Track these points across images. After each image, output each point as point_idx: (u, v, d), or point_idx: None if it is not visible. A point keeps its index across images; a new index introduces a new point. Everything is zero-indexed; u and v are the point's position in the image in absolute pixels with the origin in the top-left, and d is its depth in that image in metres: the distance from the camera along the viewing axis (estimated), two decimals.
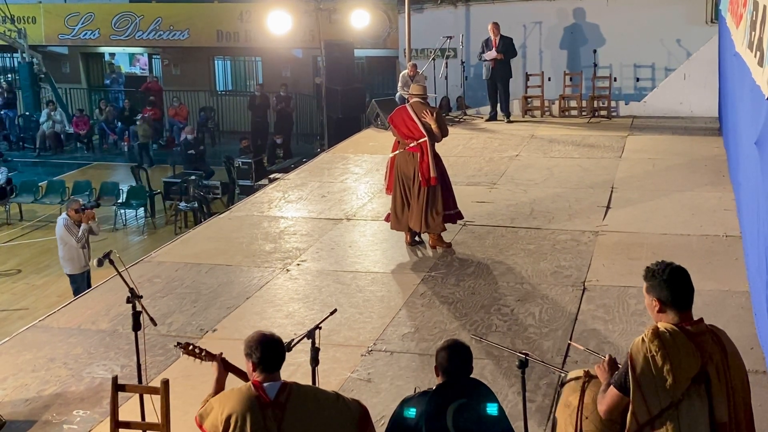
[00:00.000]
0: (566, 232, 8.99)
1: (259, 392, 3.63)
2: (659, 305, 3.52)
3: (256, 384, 3.66)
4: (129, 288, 4.84)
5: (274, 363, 3.70)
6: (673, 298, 3.50)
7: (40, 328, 7.25)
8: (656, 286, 3.52)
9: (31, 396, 6.04)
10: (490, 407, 3.75)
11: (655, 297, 3.53)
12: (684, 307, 3.52)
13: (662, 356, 3.40)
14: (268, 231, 9.55)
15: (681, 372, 3.40)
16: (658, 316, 3.56)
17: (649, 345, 3.43)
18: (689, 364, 3.42)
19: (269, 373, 3.68)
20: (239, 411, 3.58)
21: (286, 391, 3.64)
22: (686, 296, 3.52)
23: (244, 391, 3.65)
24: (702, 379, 3.44)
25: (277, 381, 3.67)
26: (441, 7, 16.79)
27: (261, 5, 19.21)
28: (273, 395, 3.62)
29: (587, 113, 15.05)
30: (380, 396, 5.81)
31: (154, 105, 22.32)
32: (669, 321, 3.51)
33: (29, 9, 23.09)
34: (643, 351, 3.43)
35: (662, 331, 3.47)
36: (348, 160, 12.95)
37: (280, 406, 3.60)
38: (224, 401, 3.66)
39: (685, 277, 3.54)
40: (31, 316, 10.48)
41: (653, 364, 3.41)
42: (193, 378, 5.89)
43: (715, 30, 14.05)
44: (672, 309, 3.51)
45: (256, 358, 3.67)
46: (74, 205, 9.90)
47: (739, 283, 7.26)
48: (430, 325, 6.92)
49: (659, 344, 3.42)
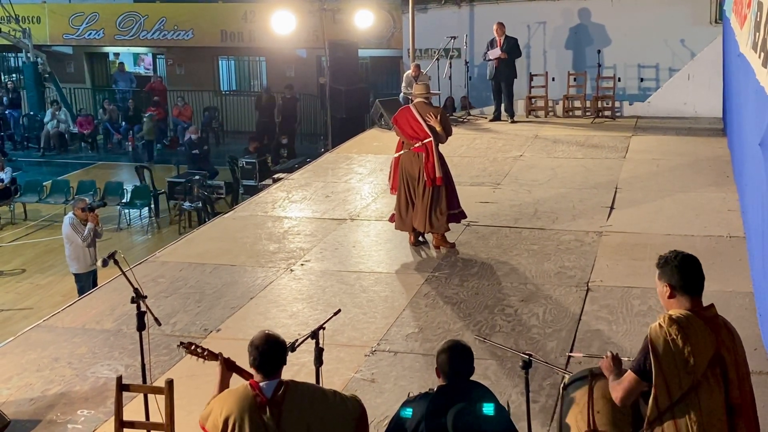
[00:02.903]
0: (570, 232, 8.99)
1: (255, 392, 3.64)
2: (670, 290, 3.57)
3: (253, 384, 3.68)
4: (133, 288, 4.85)
5: (271, 366, 3.70)
6: (684, 283, 3.54)
7: (44, 328, 7.26)
8: (668, 272, 3.57)
9: (35, 395, 6.06)
10: (489, 407, 3.73)
11: (666, 282, 3.57)
12: (695, 292, 3.56)
13: (682, 338, 3.44)
14: (272, 231, 9.56)
15: (700, 354, 3.44)
16: (669, 302, 3.59)
17: (668, 329, 3.47)
18: (706, 347, 3.46)
19: (266, 375, 3.69)
20: (237, 412, 3.59)
21: (282, 389, 3.66)
22: (697, 282, 3.57)
23: (241, 391, 3.67)
24: (717, 362, 3.48)
25: (274, 380, 3.68)
26: (445, 7, 16.79)
27: (265, 5, 19.23)
28: (269, 394, 3.64)
29: (591, 113, 15.04)
30: (384, 396, 5.81)
31: (158, 105, 22.36)
32: (680, 307, 3.55)
33: (34, 9, 23.15)
34: (663, 335, 3.47)
35: (677, 316, 3.51)
36: (352, 160, 12.96)
37: (277, 404, 3.62)
38: (222, 403, 3.68)
39: (696, 265, 3.59)
40: (36, 315, 10.50)
41: (674, 346, 3.44)
42: (197, 378, 5.90)
43: (719, 30, 14.03)
44: (683, 294, 3.55)
45: (253, 359, 3.70)
46: (81, 204, 9.92)
47: (743, 284, 7.25)
48: (434, 326, 6.93)
49: (678, 328, 3.46)
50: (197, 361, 4.20)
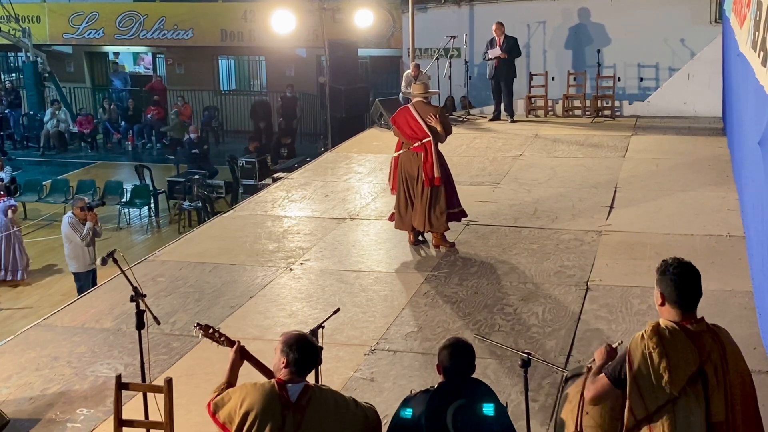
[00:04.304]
0: (569, 231, 8.99)
1: (282, 392, 3.59)
2: (662, 299, 3.53)
3: (280, 382, 3.62)
4: (133, 287, 4.85)
5: (307, 367, 3.68)
6: (675, 297, 3.49)
7: (43, 327, 7.26)
8: (664, 280, 3.52)
9: (35, 394, 6.05)
10: (489, 407, 3.73)
11: (660, 291, 3.54)
12: (685, 308, 3.50)
13: (659, 353, 3.40)
14: (271, 230, 9.56)
15: (678, 370, 3.40)
16: (660, 310, 3.57)
17: (647, 341, 3.44)
18: (687, 363, 3.41)
19: (298, 376, 3.64)
20: (259, 409, 3.54)
21: (308, 394, 3.61)
22: (690, 298, 3.51)
23: (267, 388, 3.60)
24: (699, 378, 3.43)
25: (300, 383, 3.64)
26: (445, 7, 16.76)
27: (265, 5, 19.22)
28: (295, 397, 3.58)
29: (591, 113, 15.05)
30: (383, 395, 5.81)
31: (158, 104, 22.37)
32: (669, 317, 3.52)
33: (34, 8, 23.16)
34: (641, 348, 3.44)
35: (662, 328, 3.47)
36: (352, 159, 12.96)
37: (300, 408, 3.56)
38: (244, 395, 3.60)
39: (693, 279, 3.52)
40: (35, 314, 10.50)
41: (650, 361, 3.41)
42: (197, 377, 5.91)
43: (719, 30, 14.03)
44: (673, 307, 3.50)
45: (293, 358, 3.62)
46: (80, 203, 9.94)
47: (742, 283, 7.25)
48: (434, 325, 6.93)
49: (657, 341, 3.42)
50: (211, 344, 4.17)
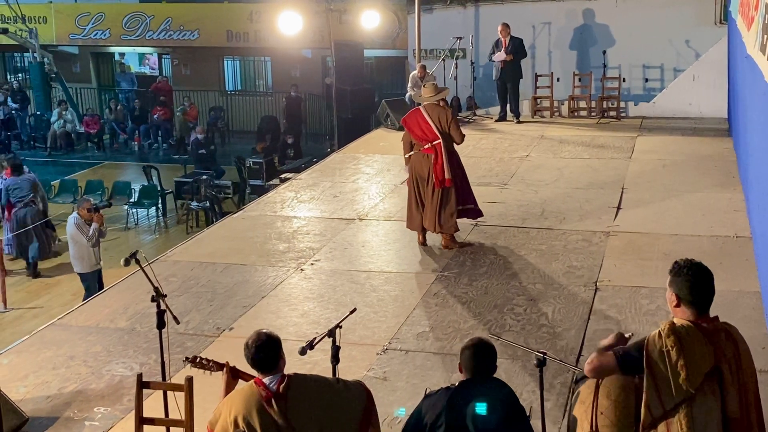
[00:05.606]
0: (577, 232, 9.05)
1: (260, 388, 3.73)
2: (677, 301, 3.60)
3: (258, 381, 3.77)
4: (154, 287, 4.93)
5: (266, 363, 3.78)
6: (690, 297, 3.57)
7: (58, 327, 7.35)
8: (678, 282, 3.59)
9: (52, 393, 6.14)
10: (510, 408, 3.81)
11: (674, 292, 3.60)
12: (700, 309, 3.58)
13: (677, 351, 3.47)
14: (281, 231, 9.64)
15: (695, 368, 3.47)
16: (674, 310, 3.63)
17: (665, 340, 3.50)
18: (703, 361, 3.48)
19: (265, 372, 3.78)
20: (245, 409, 3.67)
21: (286, 381, 3.74)
22: (704, 298, 3.59)
23: (247, 390, 3.76)
24: (715, 376, 3.50)
25: (276, 374, 3.77)
26: (450, 8, 16.85)
27: (271, 6, 19.30)
28: (273, 389, 3.72)
29: (596, 114, 15.10)
30: (396, 394, 5.89)
31: (164, 105, 22.45)
32: (684, 317, 3.58)
33: (40, 9, 23.23)
34: (659, 346, 3.50)
35: (678, 326, 3.53)
36: (359, 160, 13.03)
37: (282, 397, 3.70)
38: (230, 404, 3.76)
39: (707, 279, 3.60)
40: (46, 314, 10.60)
41: (668, 359, 3.47)
42: (213, 376, 5.96)
43: (724, 31, 14.09)
44: (688, 307, 3.57)
45: (249, 358, 3.79)
46: (85, 204, 9.98)
47: (750, 283, 7.31)
48: (444, 325, 7.00)
49: (675, 340, 3.49)
50: (204, 373, 4.28)
